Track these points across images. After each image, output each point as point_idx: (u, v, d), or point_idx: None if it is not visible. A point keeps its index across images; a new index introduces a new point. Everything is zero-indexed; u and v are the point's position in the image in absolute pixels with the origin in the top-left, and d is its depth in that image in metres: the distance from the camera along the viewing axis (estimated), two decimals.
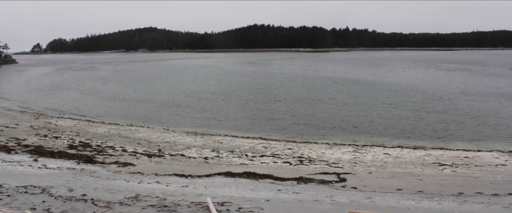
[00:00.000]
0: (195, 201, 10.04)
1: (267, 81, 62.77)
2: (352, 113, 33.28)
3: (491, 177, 15.42)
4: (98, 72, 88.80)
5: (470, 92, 46.90)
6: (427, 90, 48.91)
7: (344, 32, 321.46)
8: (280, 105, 37.55)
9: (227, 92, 48.35)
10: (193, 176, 14.23)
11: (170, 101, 41.22)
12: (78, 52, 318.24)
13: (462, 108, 35.33)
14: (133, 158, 17.92)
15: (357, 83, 58.31)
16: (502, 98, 41.82)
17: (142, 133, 25.23)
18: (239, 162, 17.88)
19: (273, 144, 22.37)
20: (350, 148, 21.66)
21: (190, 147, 21.29)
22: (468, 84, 55.96)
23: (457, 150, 21.34)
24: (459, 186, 13.83)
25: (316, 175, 15.04)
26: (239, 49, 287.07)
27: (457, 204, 11.13)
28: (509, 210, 10.61)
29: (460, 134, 25.91)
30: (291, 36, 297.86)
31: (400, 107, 36.47)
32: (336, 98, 41.96)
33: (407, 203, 11.11)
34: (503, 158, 19.43)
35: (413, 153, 20.54)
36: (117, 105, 39.18)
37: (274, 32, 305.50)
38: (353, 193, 12.47)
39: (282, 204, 10.48)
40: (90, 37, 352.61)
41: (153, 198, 10.15)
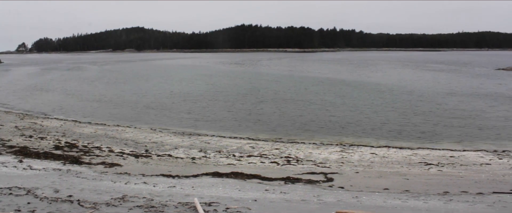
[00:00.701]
0: (182, 202, 10.02)
1: (254, 81, 62.81)
2: (339, 113, 33.43)
3: (476, 176, 15.58)
4: (85, 72, 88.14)
5: (456, 92, 47.39)
6: (414, 90, 49.32)
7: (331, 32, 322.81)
8: (267, 106, 37.60)
9: (215, 92, 48.29)
10: (180, 176, 14.19)
11: (157, 101, 41.06)
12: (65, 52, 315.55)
13: (448, 108, 35.68)
14: (120, 158, 17.81)
15: (344, 83, 58.61)
16: (487, 98, 42.32)
17: (129, 133, 25.09)
18: (226, 162, 17.86)
19: (260, 144, 22.37)
20: (337, 147, 21.75)
21: (177, 147, 21.21)
22: (453, 85, 56.53)
23: (443, 150, 21.52)
24: (445, 185, 13.96)
25: (303, 175, 15.08)
26: (227, 49, 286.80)
27: (443, 203, 11.24)
28: (493, 209, 10.74)
29: (446, 134, 26.15)
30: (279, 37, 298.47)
31: (387, 107, 36.73)
32: (323, 99, 42.13)
33: (393, 203, 11.20)
34: (487, 157, 19.64)
35: (400, 152, 20.67)
36: (104, 105, 38.92)
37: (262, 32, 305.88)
38: (340, 192, 12.53)
39: (270, 204, 10.50)
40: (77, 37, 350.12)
41: (140, 199, 10.11)
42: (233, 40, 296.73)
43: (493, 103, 38.56)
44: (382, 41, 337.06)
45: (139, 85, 57.90)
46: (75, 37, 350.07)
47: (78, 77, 75.64)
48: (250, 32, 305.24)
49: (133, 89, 52.79)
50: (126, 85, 58.16)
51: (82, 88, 54.20)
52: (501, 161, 18.79)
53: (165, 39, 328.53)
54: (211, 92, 47.94)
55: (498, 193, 12.64)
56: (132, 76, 75.56)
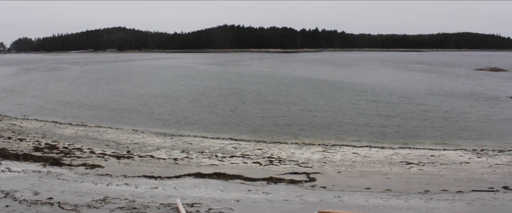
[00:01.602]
0: (165, 203, 9.98)
1: (237, 82, 62.77)
2: (321, 113, 33.61)
3: (456, 175, 15.82)
4: (65, 73, 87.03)
5: (436, 92, 48.01)
6: (395, 90, 49.81)
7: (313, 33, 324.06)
8: (249, 106, 37.62)
9: (197, 93, 48.14)
10: (162, 177, 14.13)
11: (139, 102, 40.77)
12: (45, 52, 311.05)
13: (428, 108, 36.12)
14: (101, 159, 17.66)
15: (326, 83, 58.92)
16: (467, 98, 42.96)
17: (110, 134, 24.88)
18: (209, 162, 17.83)
19: (243, 145, 22.38)
20: (319, 147, 21.85)
21: (159, 148, 21.11)
22: (434, 85, 57.27)
23: (423, 149, 21.78)
24: (426, 184, 14.14)
25: (286, 175, 15.13)
26: (210, 49, 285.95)
27: (424, 202, 11.39)
28: (472, 206, 10.92)
29: (426, 134, 26.48)
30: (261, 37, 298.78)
31: (369, 107, 37.04)
32: (305, 99, 42.31)
33: (375, 202, 11.30)
34: (467, 156, 19.94)
35: (381, 152, 20.86)
36: (85, 106, 38.48)
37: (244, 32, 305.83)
38: (323, 192, 12.60)
39: (252, 204, 10.51)
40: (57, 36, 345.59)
41: (121, 200, 10.04)
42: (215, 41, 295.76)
43: (472, 103, 39.14)
44: (363, 41, 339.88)
45: (121, 86, 57.41)
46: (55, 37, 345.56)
47: (58, 78, 74.67)
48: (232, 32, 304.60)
49: (115, 90, 52.33)
50: (107, 86, 57.62)
51: (63, 89, 53.52)
52: (480, 159, 19.09)
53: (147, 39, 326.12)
54: (193, 93, 47.77)
55: (477, 191, 12.86)
56: (113, 77, 74.84)
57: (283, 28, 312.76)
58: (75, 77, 74.04)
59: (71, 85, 58.35)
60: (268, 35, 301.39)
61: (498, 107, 36.90)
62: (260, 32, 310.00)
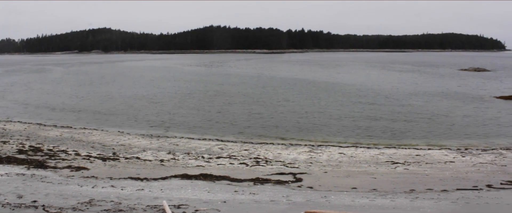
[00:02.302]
0: (151, 204, 9.95)
1: (223, 83, 62.70)
2: (307, 114, 33.72)
3: (441, 174, 15.99)
4: (50, 74, 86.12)
5: (422, 92, 48.45)
6: (380, 91, 50.17)
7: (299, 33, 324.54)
8: (236, 107, 37.60)
9: (183, 94, 47.99)
10: (148, 179, 14.07)
11: (125, 103, 40.50)
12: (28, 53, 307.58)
13: (413, 108, 36.44)
14: (86, 161, 17.52)
15: (312, 84, 59.12)
16: (452, 98, 43.45)
17: (96, 136, 24.69)
18: (195, 164, 17.79)
19: (229, 145, 22.36)
20: (306, 148, 21.91)
21: (145, 150, 21.01)
22: (419, 85, 57.82)
23: (409, 149, 21.96)
24: (411, 183, 14.27)
25: (272, 176, 15.16)
26: (195, 50, 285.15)
27: (409, 201, 11.50)
28: (457, 205, 11.06)
29: (412, 133, 26.72)
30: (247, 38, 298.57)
31: (354, 107, 37.25)
32: (291, 99, 42.41)
33: (361, 201, 11.39)
34: (451, 155, 20.16)
35: (367, 152, 20.99)
36: (70, 108, 38.11)
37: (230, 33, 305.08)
38: (309, 192, 12.65)
39: (239, 205, 10.53)
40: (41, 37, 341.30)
41: (107, 203, 9.99)
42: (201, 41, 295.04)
43: (457, 103, 39.59)
44: (349, 42, 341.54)
45: (106, 87, 56.98)
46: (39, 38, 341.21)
47: (42, 79, 73.87)
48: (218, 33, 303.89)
49: (100, 91, 51.93)
50: (92, 87, 57.15)
51: (47, 91, 52.94)
52: (464, 158, 19.31)
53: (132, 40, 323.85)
54: (179, 94, 47.61)
55: (462, 190, 13.02)
56: (98, 78, 74.26)
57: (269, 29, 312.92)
58: (60, 79, 73.32)
59: (56, 87, 57.77)
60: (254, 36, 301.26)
61: (482, 107, 37.37)
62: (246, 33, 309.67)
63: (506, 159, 19.25)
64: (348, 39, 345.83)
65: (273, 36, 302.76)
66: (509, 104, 39.17)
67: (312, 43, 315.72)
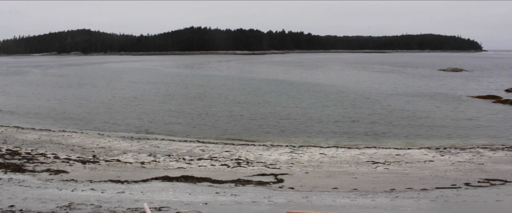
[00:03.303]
0: (132, 207, 9.88)
1: (203, 84, 62.54)
2: (288, 115, 33.83)
3: (420, 173, 16.19)
4: (27, 77, 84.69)
5: (401, 93, 49.02)
6: (361, 91, 50.61)
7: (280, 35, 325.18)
8: (217, 108, 37.54)
9: (163, 96, 47.73)
10: (129, 181, 13.96)
11: (105, 105, 40.10)
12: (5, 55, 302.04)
13: (393, 108, 36.85)
14: (66, 165, 17.30)
15: (293, 85, 59.34)
16: (431, 98, 44.07)
17: (75, 139, 24.39)
18: (176, 165, 17.71)
19: (210, 147, 22.31)
20: (287, 149, 21.98)
21: (126, 152, 20.83)
22: (399, 86, 58.50)
23: (389, 149, 22.18)
24: (391, 182, 14.42)
25: (254, 177, 15.17)
26: (176, 52, 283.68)
27: (390, 200, 11.63)
28: (436, 203, 11.23)
29: (392, 133, 27.02)
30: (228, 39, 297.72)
31: (335, 107, 37.50)
32: (272, 101, 42.50)
33: (342, 201, 11.48)
34: (431, 154, 20.43)
35: (348, 152, 21.14)
36: (49, 111, 37.56)
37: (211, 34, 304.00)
38: (291, 193, 12.70)
39: (220, 206, 10.52)
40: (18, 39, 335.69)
41: (87, 206, 9.89)
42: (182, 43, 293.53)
43: (436, 103, 40.16)
44: (330, 43, 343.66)
45: (86, 89, 56.32)
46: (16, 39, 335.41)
47: (20, 81, 72.55)
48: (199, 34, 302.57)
49: (80, 93, 51.32)
50: (71, 89, 56.44)
51: (24, 93, 52.07)
52: (443, 157, 19.60)
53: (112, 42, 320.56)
54: (159, 96, 47.34)
55: (441, 188, 13.21)
56: (78, 80, 73.36)
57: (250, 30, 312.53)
58: (38, 81, 72.11)
59: (34, 90, 56.81)
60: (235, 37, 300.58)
61: (460, 107, 37.97)
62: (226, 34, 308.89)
63: (484, 157, 19.60)
64: (328, 40, 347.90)
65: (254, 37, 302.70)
66: (485, 104, 39.91)
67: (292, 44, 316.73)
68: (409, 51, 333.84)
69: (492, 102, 40.73)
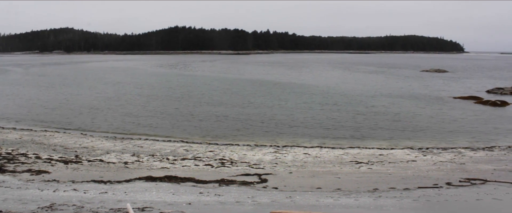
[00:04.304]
0: (115, 208, 9.82)
1: (188, 84, 62.32)
2: (272, 115, 33.88)
3: (403, 173, 16.35)
4: (8, 76, 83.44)
5: (385, 93, 49.44)
6: (345, 92, 50.92)
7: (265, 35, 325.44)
8: (201, 108, 37.44)
9: (147, 95, 47.46)
10: (112, 181, 13.85)
11: (88, 105, 39.70)
12: None
13: (377, 109, 37.15)
14: (48, 165, 17.10)
15: (277, 85, 59.46)
16: (414, 99, 44.52)
17: (57, 139, 24.12)
18: (160, 165, 17.62)
19: (194, 147, 22.25)
20: (271, 149, 22.02)
21: (109, 152, 20.67)
22: (382, 86, 58.99)
23: (372, 149, 22.38)
24: (374, 182, 14.53)
25: (237, 177, 15.16)
26: (160, 51, 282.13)
27: (373, 200, 11.73)
28: (418, 203, 11.36)
29: (375, 133, 27.24)
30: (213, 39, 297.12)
31: (319, 108, 37.67)
32: (256, 101, 42.53)
33: (326, 201, 11.54)
34: (413, 154, 20.66)
35: (332, 152, 21.26)
36: (30, 110, 37.06)
37: (195, 34, 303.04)
38: (274, 193, 12.72)
39: (204, 206, 10.50)
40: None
41: (69, 207, 9.79)
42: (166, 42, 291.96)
43: (419, 104, 40.61)
44: (314, 43, 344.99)
45: (69, 89, 55.71)
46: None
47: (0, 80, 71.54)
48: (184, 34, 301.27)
49: (62, 93, 50.74)
50: (54, 89, 55.77)
51: (5, 92, 51.31)
52: (426, 157, 19.82)
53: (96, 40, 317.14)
54: (143, 96, 47.06)
55: (423, 188, 13.36)
56: (60, 79, 72.47)
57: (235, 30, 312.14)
58: (19, 80, 71.08)
59: (15, 89, 55.99)
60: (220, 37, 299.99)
61: (442, 107, 38.45)
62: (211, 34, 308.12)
63: (465, 157, 19.88)
64: (313, 40, 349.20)
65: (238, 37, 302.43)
66: (467, 104, 40.46)
67: (277, 44, 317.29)
68: (393, 52, 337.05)
69: (474, 103, 41.33)
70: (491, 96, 46.27)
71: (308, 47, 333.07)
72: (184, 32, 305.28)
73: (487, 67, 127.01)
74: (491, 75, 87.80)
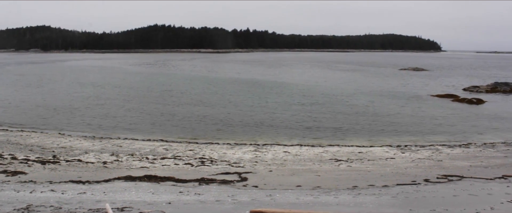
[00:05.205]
0: (93, 208, 9.71)
1: (166, 82, 61.94)
2: (252, 113, 33.90)
3: (382, 170, 16.53)
4: None
5: (364, 92, 49.89)
6: (325, 90, 51.22)
7: (245, 33, 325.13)
8: (181, 107, 37.27)
9: (126, 94, 47.02)
10: (91, 182, 13.69)
11: (65, 105, 39.13)
12: None
13: (356, 107, 37.48)
14: (24, 166, 16.82)
15: (257, 84, 59.50)
16: (393, 97, 45.03)
17: (34, 139, 23.73)
18: (139, 165, 17.49)
19: (174, 146, 22.14)
20: (251, 147, 22.04)
21: (87, 152, 20.43)
22: (362, 84, 59.51)
23: (352, 146, 22.57)
24: (354, 179, 14.64)
25: (217, 175, 15.13)
26: (139, 49, 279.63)
27: (352, 197, 11.81)
28: (397, 199, 11.48)
29: (355, 131, 27.48)
30: (192, 37, 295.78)
31: (299, 106, 37.83)
32: (236, 99, 42.50)
33: (306, 199, 11.58)
34: (392, 152, 20.90)
35: (312, 150, 21.37)
36: (5, 110, 36.33)
37: (175, 32, 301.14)
38: (255, 191, 12.72)
39: (184, 206, 10.46)
40: None
41: (47, 208, 9.65)
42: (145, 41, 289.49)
43: (397, 102, 41.11)
44: (294, 42, 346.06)
45: (46, 88, 54.81)
46: None
47: None
48: (163, 32, 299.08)
49: (39, 92, 49.92)
50: (31, 88, 54.80)
51: None
52: (404, 154, 20.08)
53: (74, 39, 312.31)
54: (122, 95, 46.61)
55: (401, 185, 13.51)
56: (37, 78, 71.23)
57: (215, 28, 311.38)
58: None
59: None
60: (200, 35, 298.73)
61: (420, 105, 38.99)
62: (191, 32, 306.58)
63: (442, 154, 20.20)
64: (293, 39, 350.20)
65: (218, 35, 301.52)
66: (444, 102, 41.11)
67: (257, 43, 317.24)
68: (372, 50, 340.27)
69: (451, 101, 42.01)
70: (468, 94, 47.10)
71: (288, 46, 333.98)
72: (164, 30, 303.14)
73: (464, 66, 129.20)
74: (467, 73, 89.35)
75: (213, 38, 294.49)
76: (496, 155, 20.18)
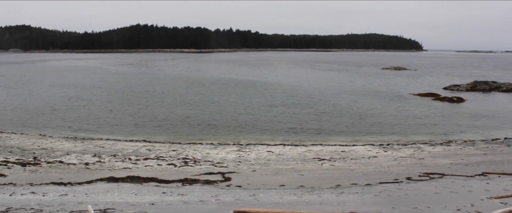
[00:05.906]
0: (75, 210, 9.62)
1: (149, 83, 61.57)
2: (235, 113, 33.88)
3: (365, 169, 16.66)
4: None
5: (347, 91, 50.23)
6: (307, 89, 51.43)
7: (227, 33, 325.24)
8: (163, 107, 37.07)
9: (108, 95, 46.61)
10: (72, 183, 13.56)
11: (46, 105, 38.61)
12: None
13: (339, 106, 37.70)
14: (3, 168, 16.56)
15: (240, 83, 59.50)
16: (375, 96, 45.41)
17: (14, 140, 23.38)
18: (122, 166, 17.35)
19: (157, 146, 22.01)
20: (234, 147, 22.02)
21: (69, 153, 20.19)
22: (344, 84, 59.91)
23: (335, 145, 22.68)
24: (337, 178, 14.74)
25: (201, 176, 15.11)
26: (122, 49, 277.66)
27: (335, 196, 11.89)
28: (380, 198, 11.58)
29: (337, 130, 27.63)
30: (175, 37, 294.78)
31: (282, 106, 37.90)
32: (219, 99, 42.43)
33: (289, 198, 11.62)
34: (374, 150, 21.06)
35: (295, 149, 21.43)
36: None
37: (157, 32, 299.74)
38: (238, 191, 12.73)
39: (167, 206, 10.42)
40: None
41: (27, 211, 9.54)
42: (128, 41, 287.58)
43: (379, 101, 41.47)
44: (277, 41, 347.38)
45: (26, 89, 54.01)
46: None
47: None
48: (145, 32, 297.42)
49: (19, 93, 49.18)
50: (10, 89, 53.96)
51: None
52: (386, 153, 20.25)
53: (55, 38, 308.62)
54: (104, 95, 46.19)
55: (384, 183, 13.64)
56: (17, 79, 70.20)
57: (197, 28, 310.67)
58: None
59: None
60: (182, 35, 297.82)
61: (402, 104, 39.39)
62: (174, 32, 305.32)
63: (424, 152, 20.44)
64: (275, 39, 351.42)
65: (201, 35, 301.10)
66: (426, 101, 41.59)
67: (240, 42, 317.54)
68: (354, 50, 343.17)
69: (432, 99, 42.52)
70: (448, 93, 47.74)
71: (271, 46, 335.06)
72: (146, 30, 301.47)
73: (444, 65, 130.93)
74: (448, 72, 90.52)
75: (196, 38, 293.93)
76: (476, 152, 20.49)
